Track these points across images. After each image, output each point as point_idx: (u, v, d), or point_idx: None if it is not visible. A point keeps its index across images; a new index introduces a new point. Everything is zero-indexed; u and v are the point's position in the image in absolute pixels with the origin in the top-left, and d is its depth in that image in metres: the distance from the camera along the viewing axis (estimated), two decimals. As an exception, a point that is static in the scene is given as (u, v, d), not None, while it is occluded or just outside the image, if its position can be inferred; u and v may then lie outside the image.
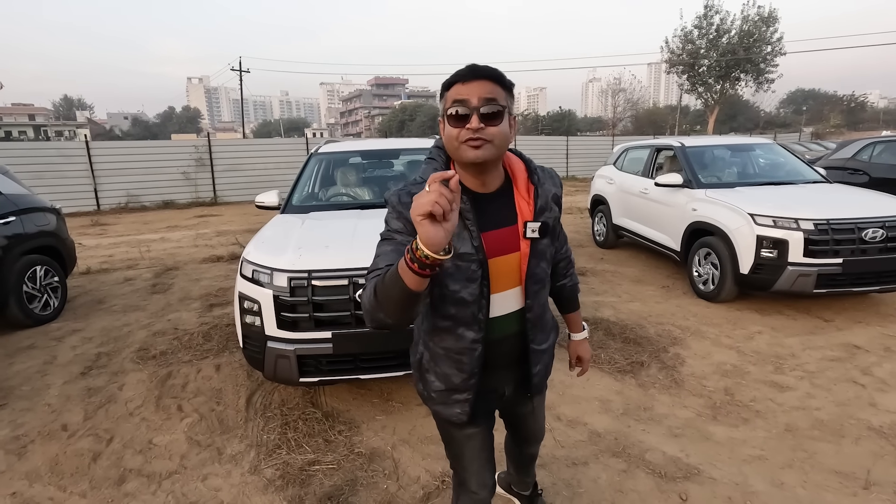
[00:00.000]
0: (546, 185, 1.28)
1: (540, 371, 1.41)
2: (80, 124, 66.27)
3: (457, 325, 1.23)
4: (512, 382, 1.41)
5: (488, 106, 1.08)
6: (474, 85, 1.09)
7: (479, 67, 1.12)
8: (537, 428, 1.65)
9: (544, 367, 1.44)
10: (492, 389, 1.38)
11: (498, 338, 1.27)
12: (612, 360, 3.47)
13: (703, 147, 5.63)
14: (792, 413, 2.77)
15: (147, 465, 2.45)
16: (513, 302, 1.26)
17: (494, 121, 1.09)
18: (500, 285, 1.23)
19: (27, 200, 4.65)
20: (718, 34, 27.56)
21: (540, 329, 1.35)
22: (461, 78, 1.11)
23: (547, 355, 1.43)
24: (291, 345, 2.60)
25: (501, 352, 1.31)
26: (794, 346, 3.64)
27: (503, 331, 1.27)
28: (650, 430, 2.65)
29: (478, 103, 1.08)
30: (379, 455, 2.49)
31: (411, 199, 0.97)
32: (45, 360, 3.74)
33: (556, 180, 1.33)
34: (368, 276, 1.10)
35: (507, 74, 1.15)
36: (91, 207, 13.10)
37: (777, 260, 4.09)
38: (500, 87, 1.12)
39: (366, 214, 3.44)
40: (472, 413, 1.33)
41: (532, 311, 1.29)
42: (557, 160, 20.22)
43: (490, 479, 1.47)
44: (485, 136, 1.08)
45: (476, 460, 1.43)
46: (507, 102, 1.13)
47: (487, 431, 1.44)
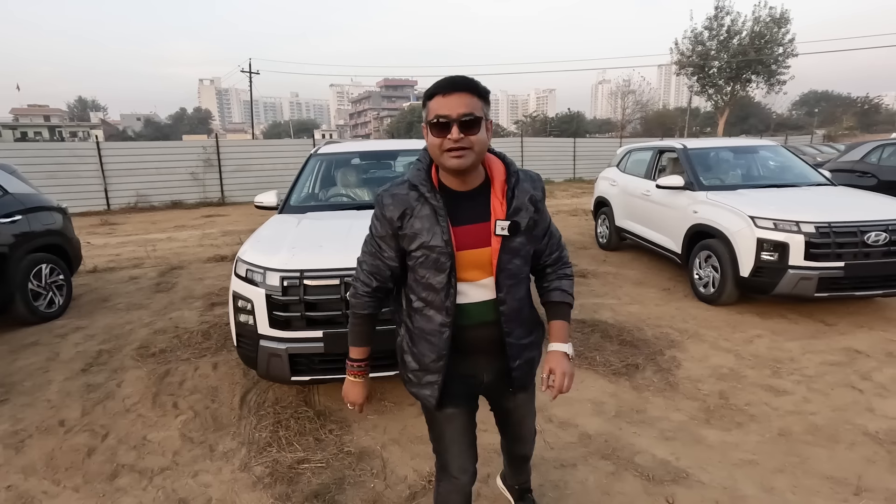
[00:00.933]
0: (523, 187, 1.34)
1: (521, 366, 1.44)
2: (94, 125, 67.29)
3: (428, 308, 1.34)
4: (491, 371, 1.46)
5: (467, 117, 1.18)
6: (453, 97, 1.19)
7: (458, 80, 1.21)
8: (523, 428, 1.67)
9: (527, 364, 1.46)
10: (471, 375, 1.44)
11: (473, 324, 1.36)
12: (607, 362, 3.45)
13: (705, 149, 5.59)
14: (787, 417, 2.74)
15: (140, 461, 2.49)
16: (486, 292, 1.34)
17: (473, 129, 1.20)
18: (472, 276, 1.32)
19: (34, 200, 4.73)
20: (729, 35, 27.33)
21: (518, 323, 1.40)
22: (441, 90, 1.20)
23: (528, 351, 1.46)
24: (283, 343, 2.62)
25: (477, 337, 1.38)
26: (793, 351, 3.60)
27: (478, 318, 1.36)
28: (641, 433, 2.63)
29: (457, 116, 1.18)
30: (368, 454, 2.50)
31: (391, 200, 1.30)
32: (47, 356, 3.80)
33: (536, 183, 1.38)
34: (354, 276, 1.44)
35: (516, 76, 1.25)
36: (101, 207, 13.29)
37: (778, 263, 4.05)
38: (476, 97, 1.21)
39: (362, 215, 3.46)
40: (441, 396, 1.40)
41: (506, 304, 1.35)
42: (564, 162, 20.18)
43: (470, 466, 1.50)
44: (465, 144, 1.19)
45: (456, 444, 1.48)
46: (484, 111, 1.23)
47: (467, 416, 1.49)
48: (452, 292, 1.30)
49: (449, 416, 1.45)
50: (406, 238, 1.31)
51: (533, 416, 1.67)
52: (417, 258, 1.30)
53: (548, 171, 19.75)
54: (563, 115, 57.59)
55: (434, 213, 1.27)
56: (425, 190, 1.28)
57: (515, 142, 19.79)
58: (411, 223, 1.29)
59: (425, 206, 1.28)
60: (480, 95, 1.22)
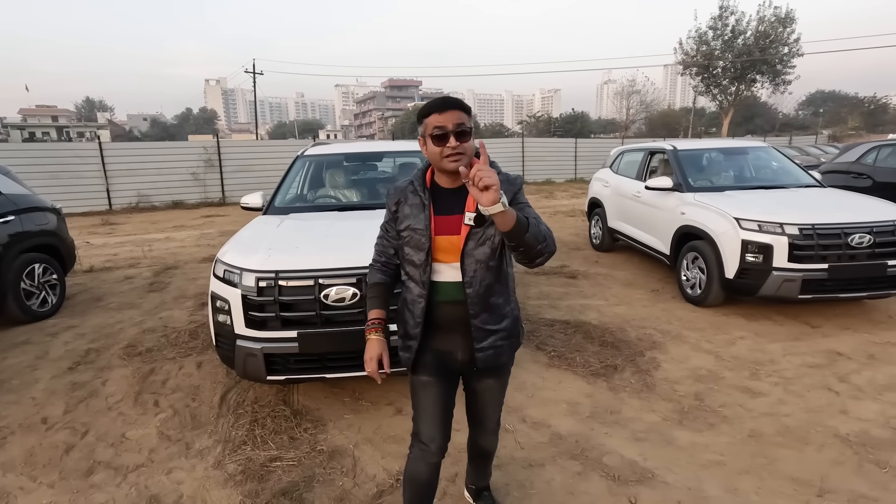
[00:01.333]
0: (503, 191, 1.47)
1: (487, 350, 1.59)
2: (101, 125, 67.82)
3: (410, 281, 1.60)
4: (462, 349, 1.61)
5: (460, 128, 1.45)
6: (448, 114, 1.46)
7: (449, 100, 1.49)
8: (485, 415, 1.78)
9: (493, 350, 1.60)
10: (448, 351, 1.62)
11: (445, 301, 1.57)
12: (586, 363, 3.47)
13: (695, 150, 5.59)
14: (759, 419, 2.75)
15: (116, 458, 2.53)
16: (456, 274, 1.55)
17: (465, 138, 1.47)
18: (444, 258, 1.55)
19: (27, 200, 4.80)
20: (734, 35, 27.18)
21: (483, 308, 1.56)
22: (437, 109, 1.47)
23: (495, 337, 1.60)
24: (259, 343, 2.66)
25: (449, 313, 1.58)
26: (774, 353, 3.60)
27: (448, 296, 1.57)
28: (613, 434, 2.65)
29: (453, 128, 1.45)
30: (340, 453, 2.53)
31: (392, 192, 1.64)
32: (37, 355, 3.86)
33: (513, 188, 1.55)
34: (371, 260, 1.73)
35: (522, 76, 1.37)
36: (104, 207, 13.42)
37: (762, 265, 4.05)
38: (464, 112, 1.48)
39: (345, 216, 3.50)
40: (416, 361, 1.62)
41: (472, 288, 1.54)
42: (565, 162, 20.16)
43: (438, 436, 1.63)
44: (460, 150, 1.45)
45: (428, 412, 1.64)
46: (471, 123, 1.50)
47: (442, 389, 1.63)
48: (429, 269, 1.55)
49: (424, 384, 1.63)
50: (398, 221, 1.60)
51: (496, 408, 1.78)
52: (405, 238, 1.58)
53: (548, 171, 19.76)
54: (567, 115, 57.44)
55: (421, 203, 1.56)
56: (417, 185, 1.58)
57: (517, 142, 19.80)
58: (403, 209, 1.59)
59: (415, 197, 1.57)
60: (467, 111, 1.49)
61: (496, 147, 19.39)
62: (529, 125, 58.05)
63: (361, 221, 3.30)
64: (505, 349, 1.63)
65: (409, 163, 4.45)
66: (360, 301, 2.62)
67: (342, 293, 2.60)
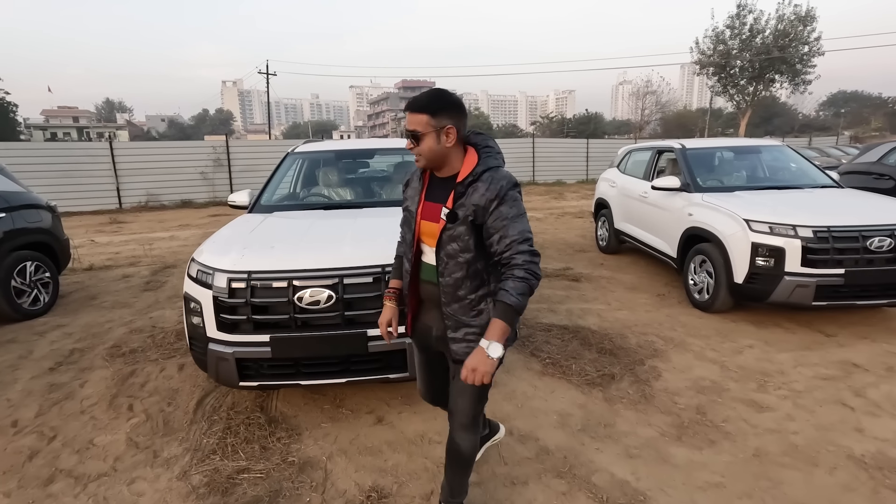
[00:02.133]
0: (476, 187, 1.56)
1: (459, 342, 1.64)
2: (120, 126, 69.03)
3: (405, 255, 1.76)
4: (437, 328, 1.73)
5: (411, 133, 1.57)
6: (408, 116, 1.58)
7: (410, 102, 1.57)
8: (457, 402, 1.74)
9: (466, 344, 1.62)
10: (428, 327, 1.76)
11: (426, 280, 1.71)
12: (582, 371, 3.29)
13: (704, 149, 5.36)
14: (765, 436, 2.55)
15: (79, 466, 2.42)
16: (433, 258, 1.66)
17: (415, 141, 1.57)
18: (428, 241, 1.67)
19: (20, 198, 4.76)
20: (752, 34, 26.62)
21: (454, 299, 1.63)
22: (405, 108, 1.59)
23: (467, 330, 1.63)
24: (231, 347, 2.54)
25: (428, 292, 1.72)
26: (784, 363, 3.38)
27: (428, 276, 1.70)
28: (605, 450, 2.47)
29: (407, 131, 1.58)
30: (311, 465, 2.39)
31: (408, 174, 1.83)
32: (20, 354, 3.80)
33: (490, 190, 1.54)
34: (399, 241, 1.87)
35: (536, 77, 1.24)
36: (114, 206, 13.52)
37: (773, 269, 3.83)
38: (424, 115, 1.53)
39: (329, 215, 3.37)
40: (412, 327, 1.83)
41: (444, 277, 1.62)
42: (577, 163, 19.86)
43: (426, 394, 1.99)
44: (415, 152, 1.59)
45: (419, 372, 1.97)
46: (432, 124, 1.54)
47: (426, 357, 1.90)
48: (413, 247, 1.71)
49: (417, 348, 1.91)
50: (405, 199, 1.77)
51: (467, 401, 1.72)
52: (404, 216, 1.76)
53: (559, 172, 19.49)
54: (580, 116, 56.89)
55: (418, 187, 1.71)
56: (419, 173, 1.73)
57: (527, 142, 19.56)
58: (408, 191, 1.77)
59: (417, 182, 1.73)
60: (430, 112, 1.53)
61: (506, 148, 19.16)
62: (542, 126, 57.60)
63: (345, 220, 3.17)
64: (472, 338, 1.62)
65: (407, 162, 4.32)
66: (336, 304, 2.48)
67: (317, 296, 2.46)
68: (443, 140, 1.55)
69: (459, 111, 1.58)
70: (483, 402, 1.77)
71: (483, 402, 1.77)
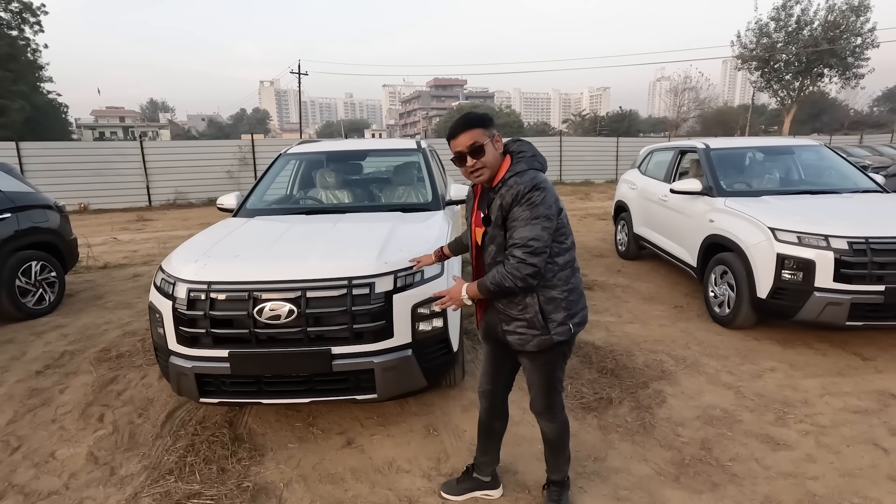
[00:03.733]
0: (501, 193, 1.69)
1: (512, 334, 1.78)
2: (162, 125, 71.88)
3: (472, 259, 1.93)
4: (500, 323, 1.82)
5: (473, 147, 1.70)
6: (460, 138, 1.72)
7: (458, 123, 1.72)
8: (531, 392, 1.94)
9: (518, 336, 1.77)
10: (491, 321, 1.88)
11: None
12: (578, 392, 3.01)
13: (730, 150, 4.94)
14: (778, 482, 2.22)
15: (33, 482, 2.34)
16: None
17: (479, 154, 1.70)
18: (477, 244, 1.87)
19: (27, 198, 4.82)
20: (799, 26, 25.22)
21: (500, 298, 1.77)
22: (451, 136, 1.74)
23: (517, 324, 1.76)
24: (190, 362, 2.40)
25: None
26: (810, 391, 3.01)
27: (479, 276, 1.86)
28: (589, 489, 2.21)
29: (466, 149, 1.70)
30: (266, 492, 2.23)
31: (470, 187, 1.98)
32: (13, 355, 3.81)
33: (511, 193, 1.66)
34: None
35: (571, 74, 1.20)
36: (143, 203, 13.91)
37: (801, 284, 3.44)
38: (477, 128, 1.70)
39: (309, 220, 3.21)
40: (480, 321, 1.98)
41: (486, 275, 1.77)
42: (605, 162, 19.26)
43: (486, 386, 2.05)
44: (478, 165, 1.71)
45: (483, 364, 2.06)
46: (486, 134, 1.71)
47: (490, 349, 1.99)
48: (471, 250, 1.91)
49: (484, 341, 2.02)
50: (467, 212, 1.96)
51: (538, 392, 1.90)
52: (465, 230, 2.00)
53: (587, 171, 18.94)
54: (614, 113, 55.46)
55: (472, 199, 1.91)
56: (470, 189, 1.95)
57: (554, 141, 19.08)
58: (468, 203, 1.96)
59: (472, 194, 1.93)
60: (480, 125, 1.71)
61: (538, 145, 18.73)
62: (574, 124, 56.46)
63: (322, 226, 2.99)
64: (528, 339, 1.75)
65: (407, 163, 4.12)
66: (298, 319, 2.30)
67: (277, 309, 2.29)
68: (496, 147, 1.74)
69: (494, 123, 1.77)
70: (554, 392, 1.91)
71: (555, 393, 1.91)
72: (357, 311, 2.33)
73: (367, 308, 2.34)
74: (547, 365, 1.83)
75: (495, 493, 2.16)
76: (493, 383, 2.03)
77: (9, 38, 25.48)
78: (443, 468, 2.37)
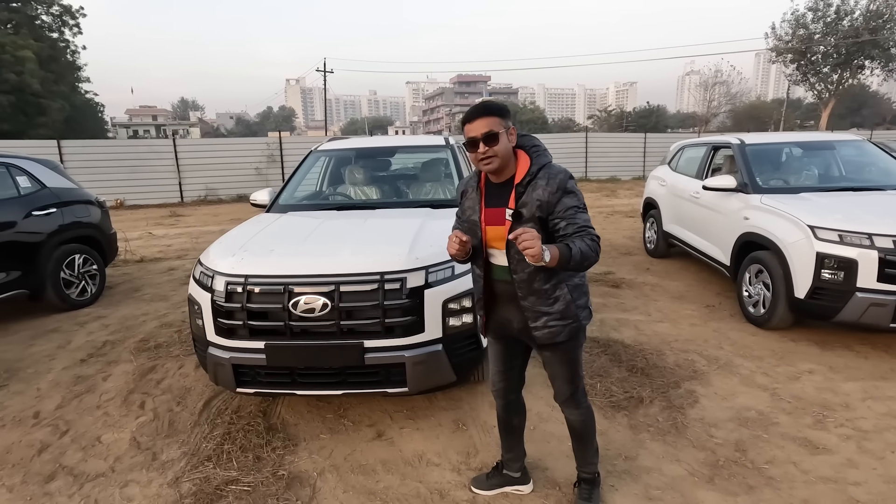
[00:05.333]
0: (536, 185, 1.69)
1: (541, 329, 1.77)
2: (193, 123, 73.77)
3: (476, 260, 1.84)
4: (517, 320, 1.83)
5: (488, 134, 1.67)
6: (477, 123, 1.69)
7: (477, 108, 1.71)
8: (554, 385, 1.95)
9: (548, 330, 1.76)
10: (507, 319, 1.87)
11: (499, 280, 1.82)
12: (607, 391, 2.99)
13: (766, 145, 4.80)
14: (817, 486, 2.17)
15: (81, 464, 2.45)
16: (503, 258, 1.78)
17: (493, 142, 1.67)
18: (496, 244, 1.78)
19: (71, 194, 5.03)
20: (838, 16, 24.26)
21: (529, 292, 1.74)
22: (467, 120, 1.72)
23: (547, 318, 1.75)
24: (228, 353, 2.48)
25: (503, 291, 1.82)
26: (851, 394, 2.91)
27: (501, 276, 1.81)
28: (620, 488, 2.19)
29: (481, 135, 1.67)
30: (300, 480, 2.28)
31: (461, 184, 1.95)
32: (59, 344, 3.99)
33: (550, 184, 1.68)
34: None
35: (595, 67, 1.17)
36: (176, 200, 14.31)
37: (842, 284, 3.33)
38: (494, 117, 1.68)
39: (340, 216, 3.26)
40: (486, 325, 1.93)
41: (517, 274, 1.73)
42: (633, 159, 18.90)
43: (500, 384, 2.04)
44: (490, 153, 1.68)
45: (493, 363, 2.03)
46: (503, 125, 1.69)
47: (503, 348, 1.98)
48: (483, 253, 1.80)
49: (491, 342, 2.01)
50: (464, 212, 1.86)
51: (563, 381, 1.91)
52: (466, 226, 1.84)
53: (614, 168, 18.64)
54: (641, 109, 54.36)
55: (477, 197, 1.80)
56: (475, 183, 1.83)
57: (580, 137, 18.84)
58: (465, 202, 1.86)
59: (474, 192, 1.82)
60: (498, 114, 1.69)
61: (558, 143, 18.57)
62: (600, 120, 55.58)
63: (354, 222, 3.04)
64: (559, 330, 1.76)
65: (435, 159, 4.14)
66: (332, 313, 2.34)
67: (312, 303, 2.34)
68: (510, 139, 1.72)
69: (510, 115, 1.76)
70: (578, 378, 1.92)
71: (578, 379, 1.93)
72: (389, 305, 2.36)
73: (399, 303, 2.37)
74: (572, 352, 1.86)
75: (525, 489, 2.17)
76: (506, 380, 2.03)
77: (50, 40, 26.49)
78: (472, 462, 2.39)
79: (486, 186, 1.80)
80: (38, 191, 4.72)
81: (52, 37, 26.97)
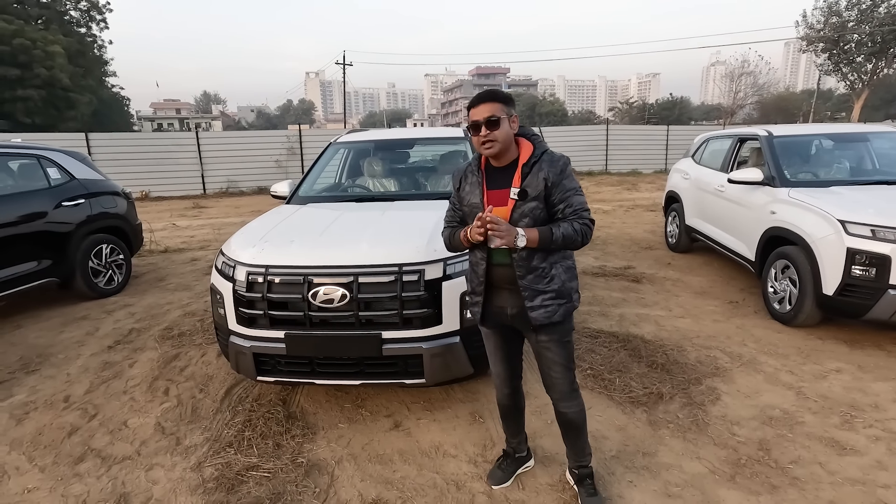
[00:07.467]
0: (541, 167, 1.77)
1: (538, 308, 1.79)
2: (215, 117, 74.99)
3: (478, 245, 1.83)
4: (511, 305, 1.86)
5: (490, 119, 1.73)
6: (480, 108, 1.75)
7: (482, 94, 1.78)
8: (551, 373, 1.93)
9: (544, 309, 1.80)
10: (501, 307, 1.89)
11: (496, 263, 1.83)
12: (626, 386, 2.95)
13: (795, 137, 4.65)
14: (844, 488, 2.11)
15: (109, 447, 2.53)
16: None
17: (494, 127, 1.73)
18: None
19: (99, 185, 5.15)
20: (874, 3, 23.34)
21: (528, 270, 1.78)
22: (472, 104, 1.78)
23: (544, 297, 1.79)
24: (249, 342, 2.52)
25: (500, 275, 1.84)
26: (881, 395, 2.83)
27: (499, 260, 1.82)
28: (639, 484, 2.17)
29: (483, 119, 1.73)
30: (319, 468, 2.32)
31: (455, 173, 1.97)
32: (88, 331, 4.11)
33: (554, 166, 1.77)
34: (443, 228, 2.00)
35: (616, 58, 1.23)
36: (198, 191, 14.57)
37: (873, 281, 3.22)
38: (498, 103, 1.75)
39: (359, 207, 3.28)
40: (483, 315, 1.93)
41: (517, 252, 1.76)
42: (654, 152, 18.53)
43: (502, 373, 2.06)
44: (490, 137, 1.73)
45: (492, 356, 2.06)
46: (505, 111, 1.76)
47: (501, 338, 2.00)
48: (484, 237, 1.71)
49: (488, 333, 2.02)
50: (462, 198, 1.90)
51: (560, 369, 1.91)
52: (467, 211, 1.88)
53: (635, 161, 18.31)
54: (664, 100, 53.27)
55: (477, 181, 1.85)
56: (474, 167, 1.88)
57: (600, 129, 18.55)
58: (464, 188, 1.89)
59: (473, 177, 1.87)
60: (502, 101, 1.76)
61: (577, 135, 18.33)
62: (621, 112, 54.65)
63: (372, 214, 3.04)
64: (556, 309, 1.80)
65: (453, 151, 4.12)
66: (351, 304, 2.36)
67: (331, 294, 2.37)
68: (511, 126, 1.78)
69: (514, 104, 1.84)
70: (573, 365, 1.95)
71: (573, 366, 1.95)
72: (407, 297, 2.37)
73: (417, 294, 2.38)
74: (567, 335, 1.89)
75: (532, 464, 2.30)
76: (510, 367, 2.06)
77: (78, 35, 27.15)
78: (489, 455, 2.39)
79: (486, 171, 1.86)
80: (67, 182, 4.85)
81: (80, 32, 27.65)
